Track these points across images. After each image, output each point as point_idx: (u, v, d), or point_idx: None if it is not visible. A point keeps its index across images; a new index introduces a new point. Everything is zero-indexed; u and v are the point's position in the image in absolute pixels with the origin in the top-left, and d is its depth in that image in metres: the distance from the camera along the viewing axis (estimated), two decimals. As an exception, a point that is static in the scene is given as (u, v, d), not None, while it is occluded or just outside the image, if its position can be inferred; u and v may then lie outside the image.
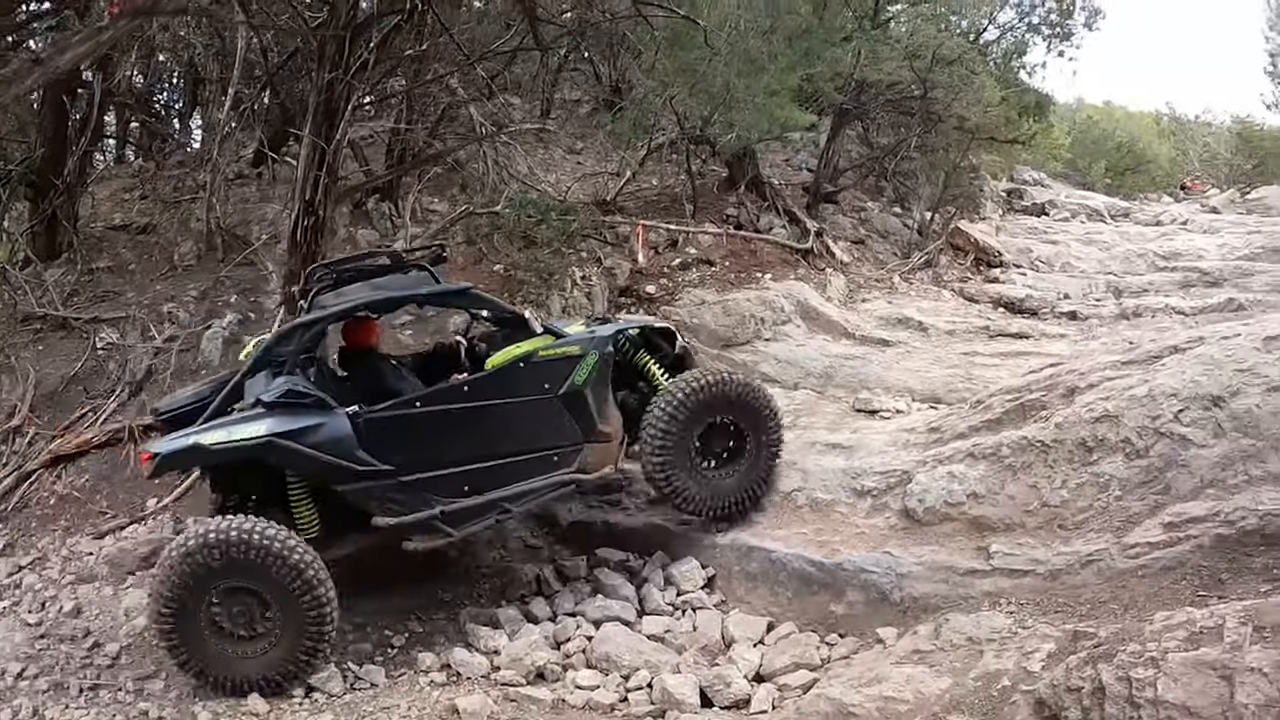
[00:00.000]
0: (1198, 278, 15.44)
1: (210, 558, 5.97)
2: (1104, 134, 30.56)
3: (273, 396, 6.48)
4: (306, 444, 6.42)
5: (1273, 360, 6.58)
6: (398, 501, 6.77)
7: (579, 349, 7.29)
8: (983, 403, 7.88)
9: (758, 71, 12.40)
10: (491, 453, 7.10)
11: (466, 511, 6.99)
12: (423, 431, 6.85)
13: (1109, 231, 19.15)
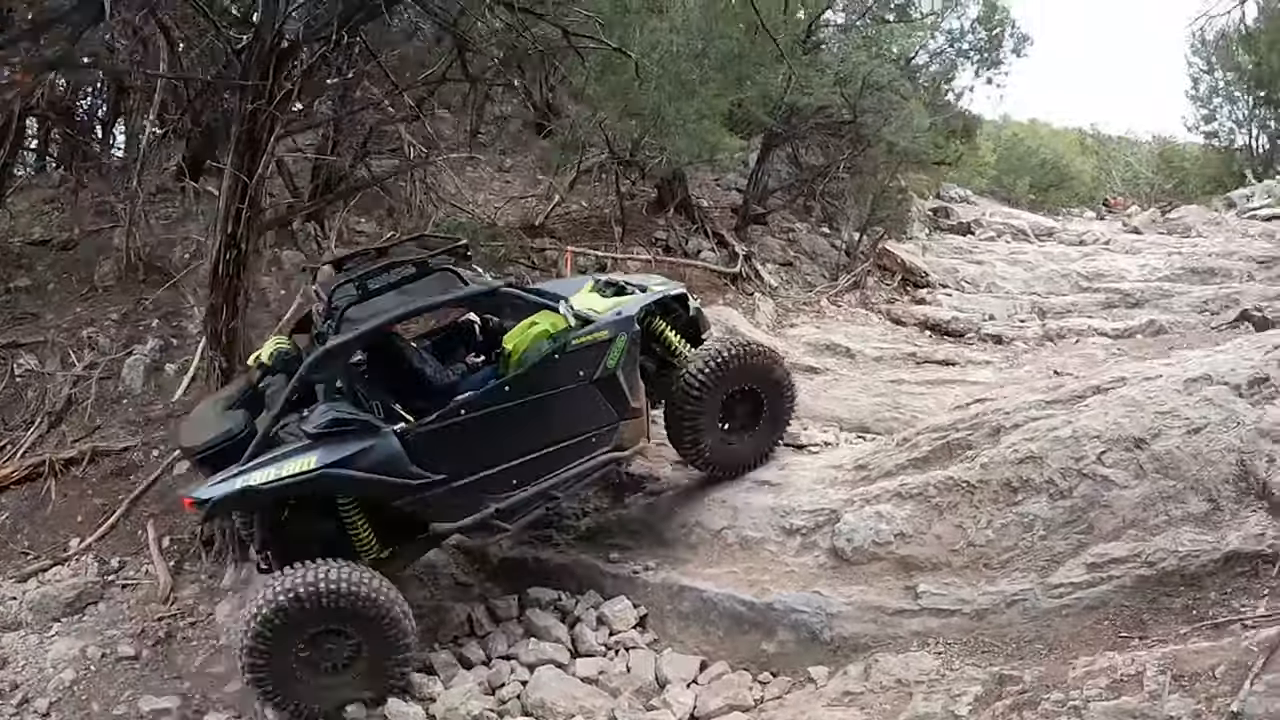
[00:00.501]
0: (1120, 299, 15.67)
1: (304, 607, 6.17)
2: (1029, 151, 31.02)
3: (318, 427, 6.52)
4: (359, 468, 6.52)
5: (1193, 403, 6.72)
6: (454, 506, 6.98)
7: (608, 333, 7.45)
8: (909, 440, 7.94)
9: (689, 96, 12.40)
10: (536, 445, 7.27)
11: (519, 505, 7.25)
12: (470, 436, 6.96)
13: (1033, 251, 19.33)
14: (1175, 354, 10.58)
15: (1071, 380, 8.29)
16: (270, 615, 6.13)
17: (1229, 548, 5.84)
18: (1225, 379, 6.89)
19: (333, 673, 6.52)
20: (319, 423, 6.52)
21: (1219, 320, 13.45)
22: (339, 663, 6.53)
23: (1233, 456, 6.29)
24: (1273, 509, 5.94)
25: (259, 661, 6.21)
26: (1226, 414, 6.55)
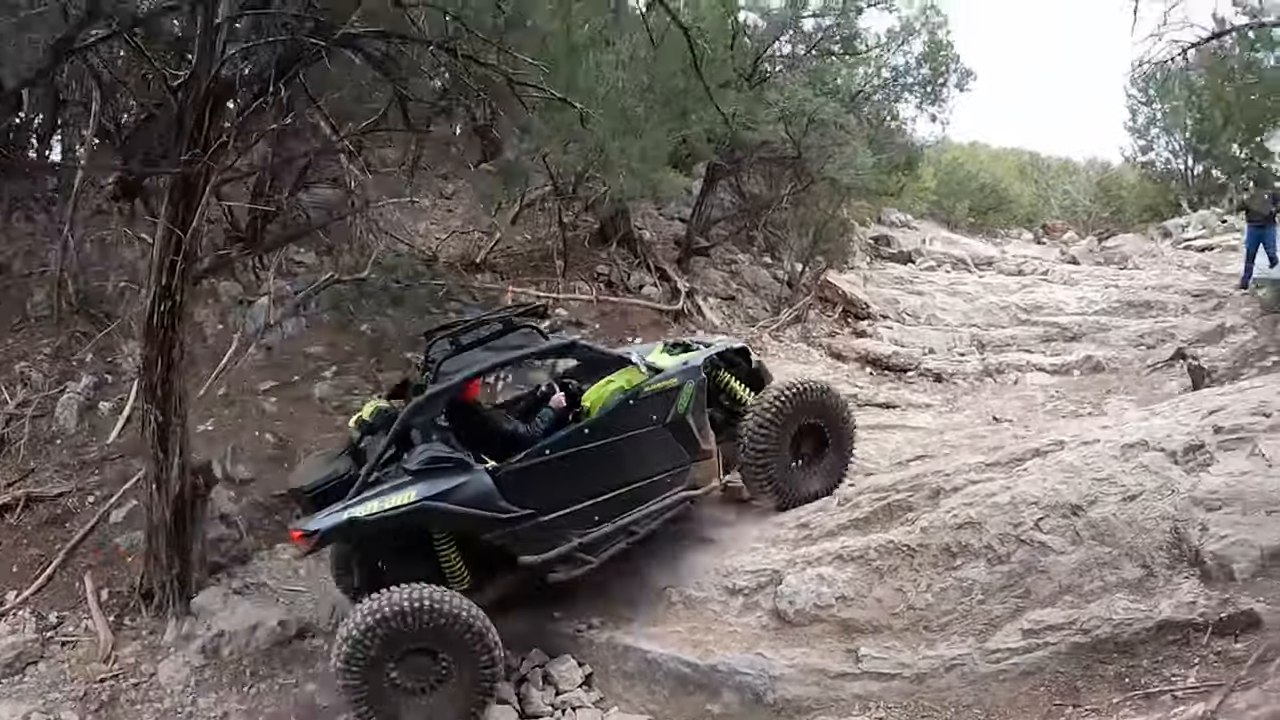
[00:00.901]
0: (1058, 332, 15.92)
1: (395, 626, 6.54)
2: (968, 175, 31.32)
3: (417, 464, 7.09)
4: (454, 502, 7.06)
5: (1129, 469, 6.81)
6: (540, 540, 7.45)
7: (676, 381, 8.10)
8: (851, 500, 7.98)
9: (634, 133, 12.42)
10: (614, 484, 7.79)
11: (601, 540, 7.69)
12: (554, 475, 7.50)
13: (973, 282, 19.57)
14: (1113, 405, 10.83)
15: (1011, 441, 8.39)
16: (361, 635, 6.50)
17: (1162, 616, 5.90)
18: (1161, 445, 6.99)
19: (424, 694, 6.84)
20: (419, 460, 7.10)
21: (1154, 357, 13.66)
22: (429, 685, 6.86)
23: (1167, 524, 6.37)
24: (1205, 577, 6.01)
25: (354, 681, 6.56)
26: (1162, 481, 6.65)
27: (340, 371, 11.32)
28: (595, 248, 15.20)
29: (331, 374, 11.24)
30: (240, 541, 9.04)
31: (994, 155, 37.53)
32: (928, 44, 18.56)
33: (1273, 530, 6.03)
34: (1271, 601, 5.67)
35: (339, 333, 11.73)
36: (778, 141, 15.06)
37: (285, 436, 10.33)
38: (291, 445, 10.24)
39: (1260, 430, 6.97)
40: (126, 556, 8.65)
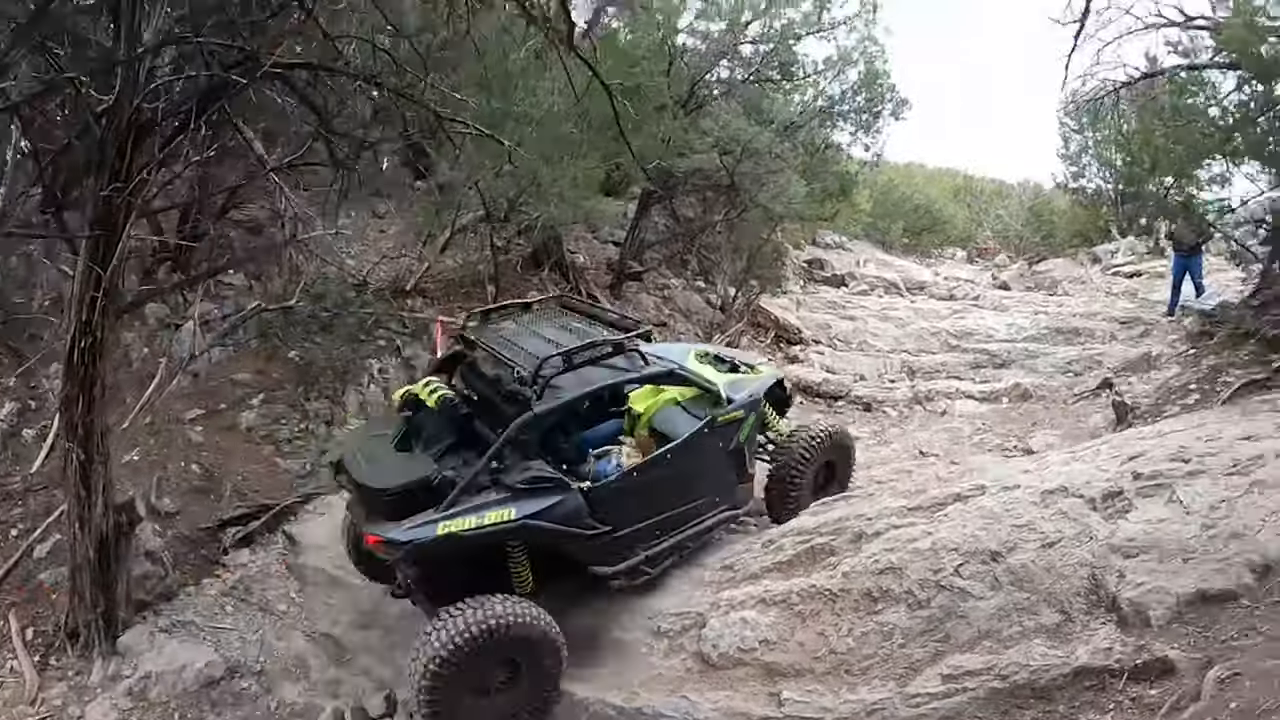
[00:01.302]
0: (987, 359, 16.03)
1: (489, 641, 6.76)
2: (903, 197, 31.60)
3: (521, 482, 7.28)
4: (550, 520, 7.31)
5: (1049, 515, 6.90)
6: (613, 553, 7.84)
7: (742, 413, 8.79)
8: (774, 542, 8.04)
9: (569, 158, 12.39)
10: (678, 504, 8.32)
11: (662, 554, 8.19)
12: (635, 495, 7.93)
13: (904, 307, 19.64)
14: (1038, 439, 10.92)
15: (933, 483, 8.43)
16: (452, 654, 6.66)
17: (1079, 662, 5.95)
18: (1081, 492, 7.09)
19: (492, 695, 7.08)
20: (522, 479, 7.29)
21: (1081, 385, 13.80)
22: (498, 686, 7.10)
23: (1085, 571, 6.45)
24: (1122, 623, 6.08)
25: (436, 697, 6.71)
26: (1081, 528, 6.73)
27: (268, 400, 11.14)
28: (528, 272, 15.09)
29: (259, 402, 11.05)
30: (166, 578, 8.80)
31: (929, 176, 37.94)
32: (864, 73, 18.64)
33: (1188, 577, 6.13)
34: (1186, 648, 5.75)
35: (267, 360, 11.54)
36: (712, 169, 15.04)
37: (211, 467, 10.12)
38: (218, 476, 10.04)
39: (1179, 476, 7.08)
40: (51, 593, 8.40)
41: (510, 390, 7.95)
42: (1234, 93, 11.68)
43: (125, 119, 6.94)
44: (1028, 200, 33.48)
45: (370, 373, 11.85)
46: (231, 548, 9.59)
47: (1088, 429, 11.35)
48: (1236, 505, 6.61)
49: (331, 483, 10.23)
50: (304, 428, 11.13)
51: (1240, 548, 6.17)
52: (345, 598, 9.15)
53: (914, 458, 11.14)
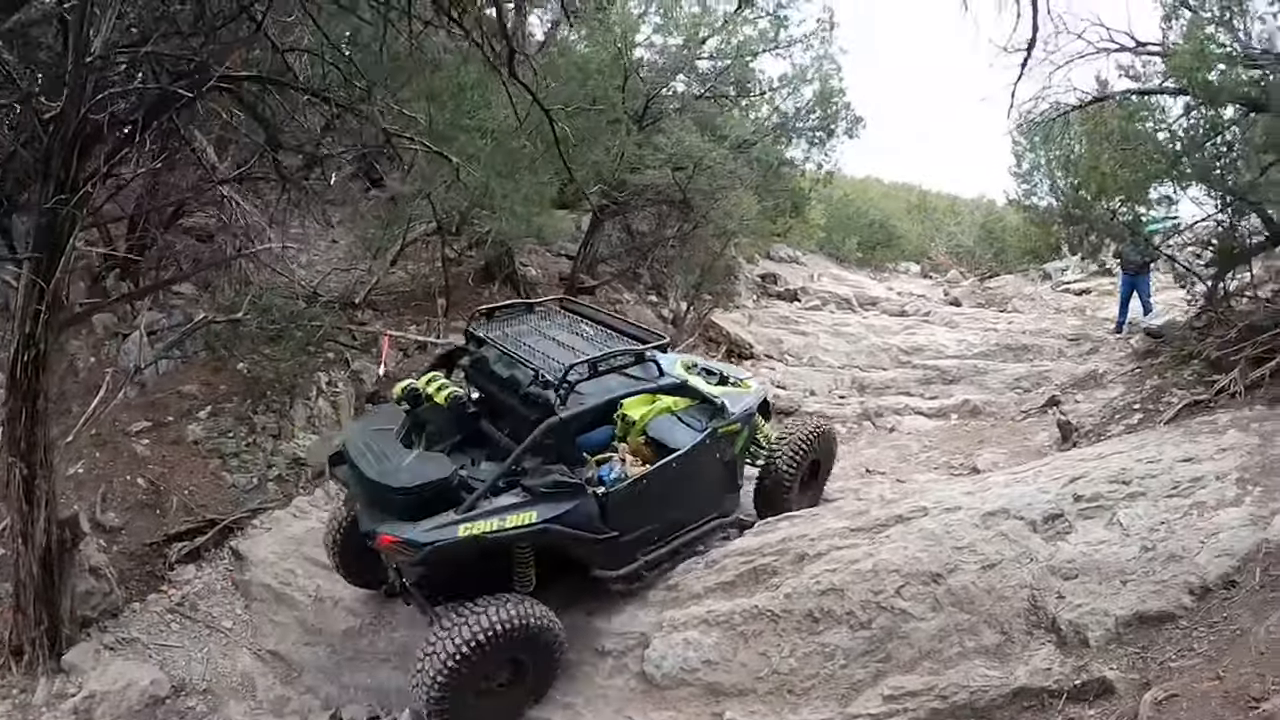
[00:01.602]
0: (937, 375, 16.05)
1: (500, 640, 6.88)
2: (858, 212, 31.75)
3: (543, 487, 7.42)
4: (568, 524, 7.45)
5: (989, 537, 6.94)
6: (617, 556, 8.01)
7: (737, 426, 9.06)
8: (717, 563, 8.06)
9: (522, 172, 12.36)
10: (677, 511, 8.55)
11: (660, 558, 8.41)
12: (643, 501, 8.09)
13: (856, 322, 19.68)
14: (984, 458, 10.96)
15: (876, 505, 8.46)
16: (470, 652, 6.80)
17: (1018, 683, 6.01)
18: (1021, 514, 7.15)
19: (495, 694, 7.20)
20: (544, 483, 7.43)
21: (1029, 402, 13.86)
22: (504, 684, 7.24)
23: (1025, 592, 6.51)
24: (1061, 644, 6.15)
25: (447, 694, 6.79)
26: (1021, 550, 6.79)
27: (215, 412, 11.04)
28: (479, 285, 15.02)
29: (206, 415, 10.95)
30: (110, 595, 8.75)
31: (885, 192, 38.21)
32: (819, 91, 18.72)
33: (1127, 599, 6.19)
34: (1125, 669, 5.81)
35: (215, 372, 11.45)
36: (665, 184, 15.05)
37: (157, 481, 10.04)
38: (164, 490, 9.98)
39: (1119, 499, 7.16)
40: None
41: (530, 393, 7.99)
42: (1182, 118, 11.82)
43: (72, 128, 6.85)
44: (980, 217, 33.70)
45: (319, 386, 11.76)
46: (177, 563, 9.54)
47: (1033, 447, 11.40)
48: (1175, 527, 6.68)
49: (278, 498, 10.20)
50: (251, 441, 11.04)
51: (1179, 569, 6.24)
52: (292, 615, 9.09)
53: (861, 475, 11.16)
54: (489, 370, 8.68)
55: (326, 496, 10.97)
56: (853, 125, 19.15)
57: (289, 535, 10.04)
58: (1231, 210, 11.58)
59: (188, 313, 11.87)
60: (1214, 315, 11.60)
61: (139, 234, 11.47)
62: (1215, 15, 10.98)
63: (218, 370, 11.45)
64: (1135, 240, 14.03)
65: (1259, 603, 5.74)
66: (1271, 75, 10.30)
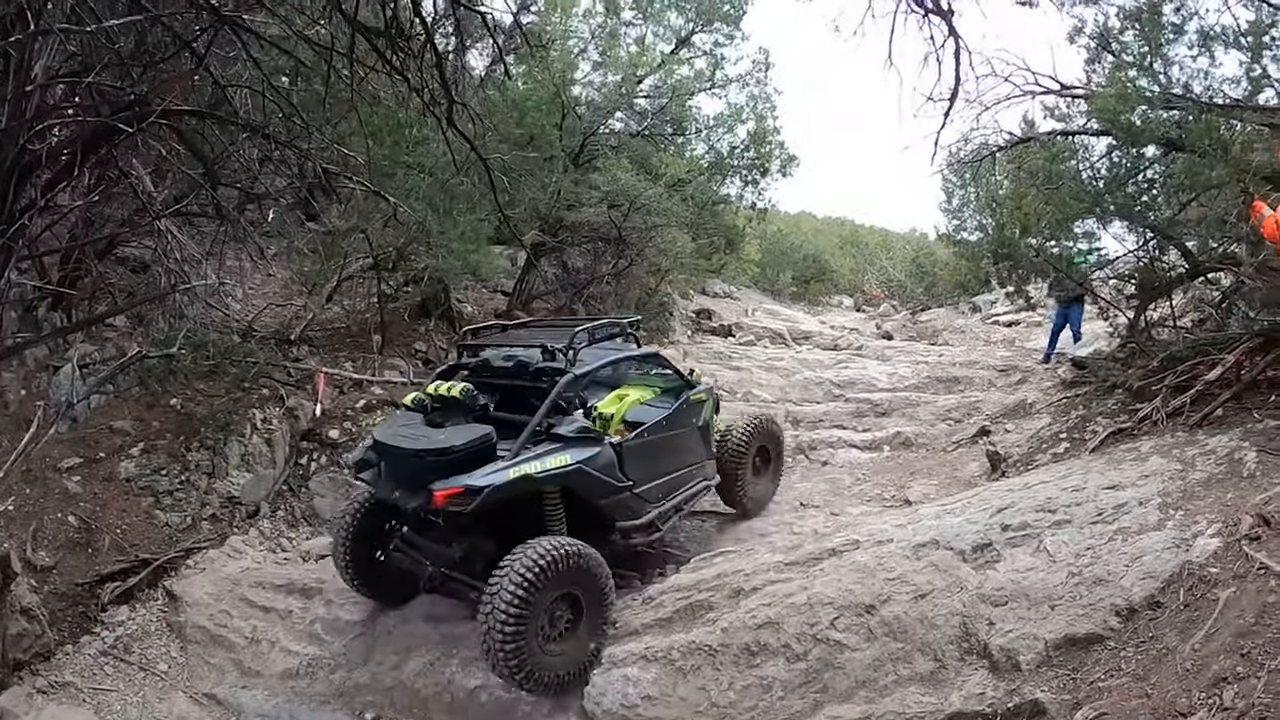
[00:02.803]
0: (869, 408, 16.18)
1: (560, 568, 7.24)
2: (792, 246, 32.05)
3: (570, 432, 8.21)
4: (593, 468, 8.17)
5: (920, 568, 7.04)
6: (632, 509, 8.72)
7: (705, 395, 10.27)
8: (654, 599, 8.08)
9: (456, 210, 12.37)
10: (673, 468, 9.49)
11: (666, 514, 9.19)
12: (646, 453, 8.96)
13: (789, 357, 19.71)
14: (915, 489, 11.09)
15: (810, 539, 8.55)
16: (535, 576, 7.08)
17: (953, 708, 6.06)
18: (951, 544, 7.26)
19: (561, 639, 7.44)
20: (571, 429, 8.24)
21: (960, 433, 14.02)
22: (564, 630, 7.48)
23: (956, 620, 6.58)
24: (993, 668, 6.22)
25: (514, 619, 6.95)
26: (951, 579, 6.89)
27: (148, 449, 10.87)
28: (416, 322, 14.96)
29: (139, 451, 10.79)
30: (43, 637, 8.61)
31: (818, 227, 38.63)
32: (754, 130, 18.93)
33: (1056, 623, 6.28)
34: (1056, 690, 5.87)
35: (148, 408, 11.26)
36: (601, 222, 15.12)
37: (89, 519, 9.87)
38: (96, 529, 9.80)
39: (1045, 527, 7.27)
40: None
41: (541, 367, 8.85)
42: (1105, 157, 12.12)
43: (11, 157, 6.79)
44: (912, 251, 34.15)
45: (253, 423, 11.63)
46: (110, 604, 9.39)
47: (964, 477, 11.56)
48: (1101, 552, 6.79)
49: (213, 537, 10.33)
50: (184, 479, 10.90)
51: (1105, 593, 6.34)
52: (228, 657, 8.97)
53: (795, 509, 11.21)
54: (494, 367, 9.44)
55: (261, 536, 10.94)
56: (786, 163, 19.44)
57: (224, 575, 9.92)
58: (1152, 245, 11.90)
59: (121, 346, 11.72)
60: (1136, 346, 11.84)
61: (73, 265, 11.32)
62: (1136, 59, 11.27)
63: (151, 406, 11.28)
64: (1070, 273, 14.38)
65: (1183, 622, 5.83)
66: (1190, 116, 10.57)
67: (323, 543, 10.76)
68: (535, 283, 17.25)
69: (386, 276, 14.20)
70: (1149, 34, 11.10)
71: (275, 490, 11.62)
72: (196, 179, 8.78)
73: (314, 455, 11.98)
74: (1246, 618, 5.40)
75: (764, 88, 18.94)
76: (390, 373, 13.35)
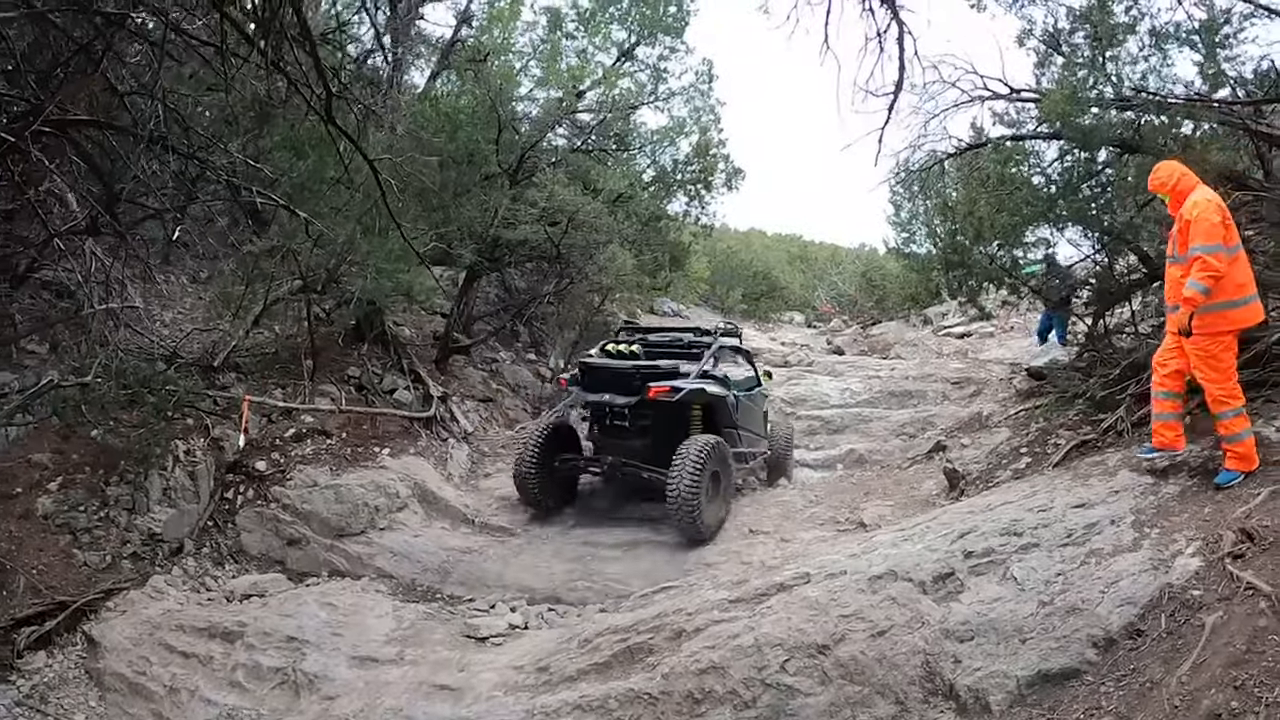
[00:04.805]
0: (821, 425, 16.04)
1: (712, 454, 10.87)
2: (742, 263, 31.87)
3: (721, 375, 12.43)
4: (726, 402, 12.07)
5: (877, 602, 6.60)
6: (731, 440, 12.05)
7: (768, 391, 14.56)
8: (590, 642, 7.57)
9: (385, 230, 11.78)
10: (751, 428, 13.06)
11: (744, 456, 12.78)
12: (743, 410, 12.65)
13: (738, 375, 19.51)
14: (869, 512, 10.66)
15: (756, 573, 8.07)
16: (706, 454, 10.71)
17: (917, 756, 5.60)
18: (910, 575, 6.83)
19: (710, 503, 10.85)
20: (717, 376, 12.31)
21: (915, 448, 13.77)
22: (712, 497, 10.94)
23: (918, 659, 6.16)
24: (961, 710, 5.82)
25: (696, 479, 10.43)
26: (912, 614, 6.45)
27: (66, 484, 10.24)
28: (349, 345, 14.28)
29: (57, 486, 10.16)
30: (-43, 680, 8.10)
31: (768, 243, 38.56)
32: (697, 143, 18.58)
33: (1028, 658, 5.90)
34: (1029, 732, 5.47)
35: (65, 439, 10.62)
36: (540, 240, 14.64)
37: (4, 559, 9.23)
38: (10, 569, 9.16)
39: (1011, 552, 6.88)
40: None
41: (693, 341, 13.02)
42: (1057, 161, 11.88)
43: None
44: (862, 265, 34.12)
45: (176, 455, 11.00)
46: (26, 650, 8.74)
47: (921, 497, 11.21)
48: (1073, 578, 6.41)
49: (134, 577, 9.93)
50: (104, 515, 10.29)
51: (1080, 623, 5.95)
52: (147, 707, 8.46)
53: (744, 536, 10.77)
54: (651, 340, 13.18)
55: (185, 575, 10.41)
56: (732, 176, 19.15)
57: (144, 618, 9.34)
58: (1108, 250, 11.66)
59: (41, 374, 11.10)
60: (1096, 354, 11.65)
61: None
62: (1087, 60, 10.99)
63: (69, 438, 10.62)
64: (1056, 277, 14.19)
65: (1168, 651, 5.44)
66: (1146, 117, 10.30)
67: (247, 581, 10.35)
68: (475, 304, 16.67)
69: (317, 299, 13.51)
70: (1100, 34, 10.81)
71: (199, 526, 11.02)
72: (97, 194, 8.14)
73: (240, 488, 11.40)
74: (1237, 645, 5.04)
75: (708, 100, 18.65)
76: (321, 400, 12.68)
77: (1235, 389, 7.08)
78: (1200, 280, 6.87)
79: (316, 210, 10.90)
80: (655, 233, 18.46)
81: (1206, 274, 6.85)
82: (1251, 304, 7.09)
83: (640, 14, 18.00)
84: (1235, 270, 7.02)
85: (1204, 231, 6.94)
